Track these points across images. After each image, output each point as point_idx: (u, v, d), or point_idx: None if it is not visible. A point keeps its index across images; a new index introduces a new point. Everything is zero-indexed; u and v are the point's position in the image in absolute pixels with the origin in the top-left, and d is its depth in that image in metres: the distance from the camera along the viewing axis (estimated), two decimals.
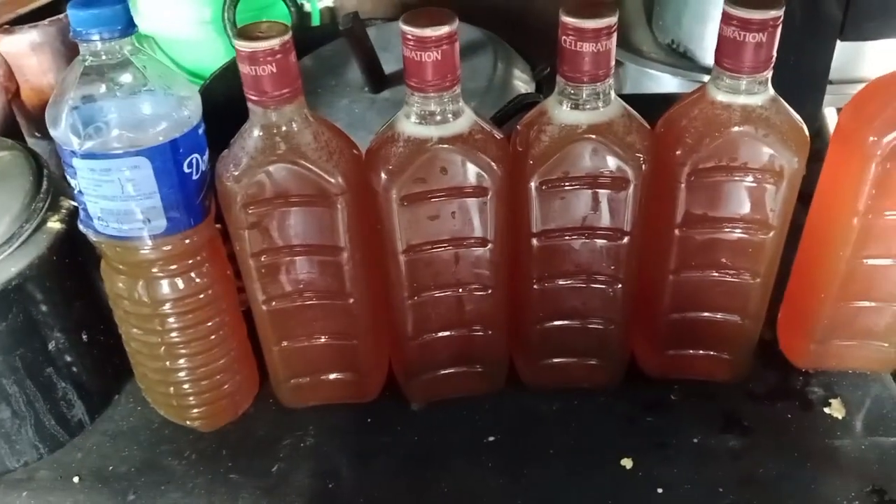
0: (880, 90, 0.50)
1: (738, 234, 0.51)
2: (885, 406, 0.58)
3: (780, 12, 0.44)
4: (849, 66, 0.85)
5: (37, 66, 0.73)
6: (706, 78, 1.04)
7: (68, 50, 0.73)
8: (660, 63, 1.03)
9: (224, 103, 0.50)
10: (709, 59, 1.03)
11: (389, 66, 0.71)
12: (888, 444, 0.55)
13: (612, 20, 0.44)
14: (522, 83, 0.72)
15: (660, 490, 0.53)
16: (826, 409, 0.58)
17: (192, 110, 0.47)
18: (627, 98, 0.49)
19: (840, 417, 0.57)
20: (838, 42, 0.78)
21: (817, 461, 0.54)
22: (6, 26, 0.72)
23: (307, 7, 0.98)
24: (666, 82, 1.03)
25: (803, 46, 0.74)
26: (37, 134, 0.76)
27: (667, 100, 0.53)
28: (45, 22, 0.72)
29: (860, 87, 0.52)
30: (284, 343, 0.56)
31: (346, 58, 0.74)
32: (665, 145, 0.49)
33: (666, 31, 1.08)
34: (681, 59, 1.05)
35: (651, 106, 0.51)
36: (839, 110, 0.81)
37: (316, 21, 0.98)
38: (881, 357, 0.59)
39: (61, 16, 0.73)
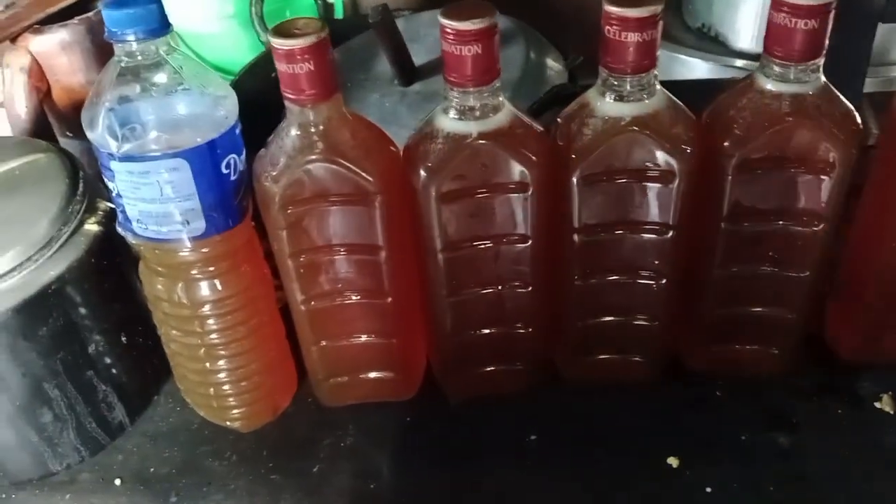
0: None
1: (787, 226, 0.50)
2: None
3: None
4: (883, 48, 0.83)
5: (67, 65, 0.72)
6: (738, 62, 1.02)
7: (98, 49, 0.72)
8: (691, 48, 1.01)
9: (252, 100, 0.49)
10: (740, 42, 1.01)
11: (419, 57, 0.70)
12: None
13: (658, 9, 0.43)
14: (555, 73, 0.71)
15: (708, 489, 0.52)
16: (877, 405, 0.56)
17: (228, 110, 0.46)
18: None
19: (891, 412, 0.55)
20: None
21: (869, 459, 0.53)
22: (36, 26, 0.72)
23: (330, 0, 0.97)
24: (697, 68, 1.01)
25: (844, 30, 0.72)
26: (69, 134, 0.76)
27: (703, 86, 0.51)
28: (75, 21, 0.72)
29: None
30: (323, 342, 0.55)
31: (374, 51, 0.72)
32: (712, 136, 0.47)
33: (696, 14, 1.06)
34: (712, 43, 1.03)
35: (684, 92, 0.50)
36: (867, 95, 0.79)
37: (339, 13, 0.97)
38: None
39: (90, 14, 0.73)
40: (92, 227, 0.52)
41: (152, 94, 0.44)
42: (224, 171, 0.46)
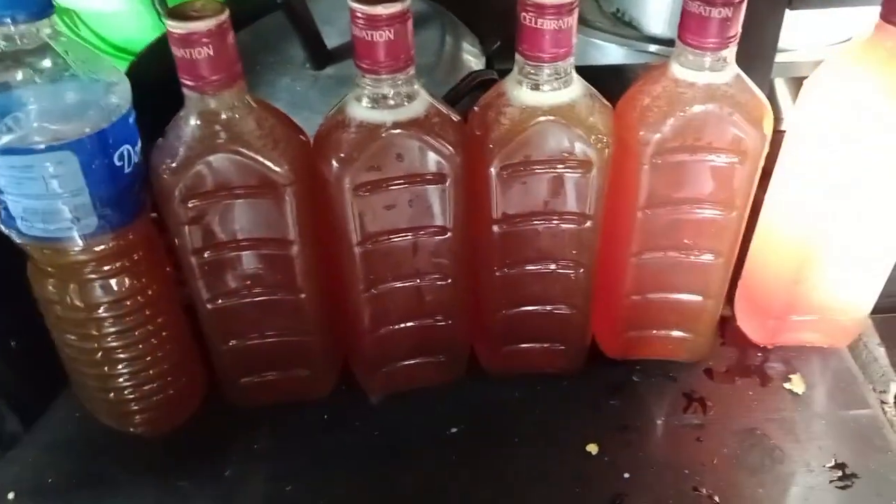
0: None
1: (701, 213, 0.50)
2: (844, 379, 0.58)
3: None
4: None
5: None
6: (652, 48, 1.03)
7: None
8: (605, 33, 1.02)
9: (154, 83, 0.46)
10: (654, 28, 1.02)
11: (333, 40, 0.68)
12: (848, 417, 0.56)
13: None
14: (472, 57, 0.69)
15: (626, 475, 0.52)
16: (786, 385, 0.58)
17: (120, 97, 0.43)
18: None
19: (800, 393, 0.57)
20: None
21: (780, 438, 0.54)
22: None
23: None
24: (612, 53, 1.02)
25: (753, 16, 0.73)
26: None
27: (616, 71, 0.51)
28: None
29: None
30: (232, 342, 0.52)
31: (287, 32, 0.69)
32: (627, 125, 0.47)
33: None
34: (626, 28, 1.03)
35: (600, 78, 0.49)
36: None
37: None
38: (838, 331, 0.59)
39: None
40: None
41: (35, 81, 0.40)
42: (117, 163, 0.42)
